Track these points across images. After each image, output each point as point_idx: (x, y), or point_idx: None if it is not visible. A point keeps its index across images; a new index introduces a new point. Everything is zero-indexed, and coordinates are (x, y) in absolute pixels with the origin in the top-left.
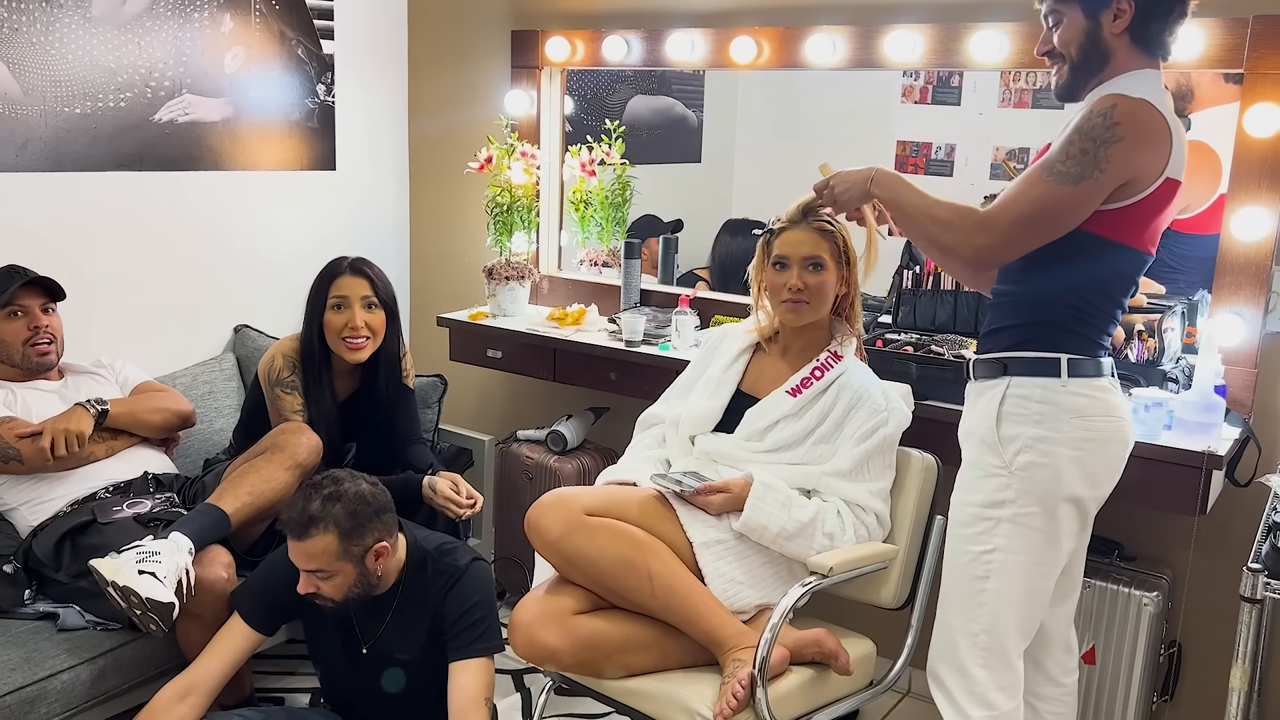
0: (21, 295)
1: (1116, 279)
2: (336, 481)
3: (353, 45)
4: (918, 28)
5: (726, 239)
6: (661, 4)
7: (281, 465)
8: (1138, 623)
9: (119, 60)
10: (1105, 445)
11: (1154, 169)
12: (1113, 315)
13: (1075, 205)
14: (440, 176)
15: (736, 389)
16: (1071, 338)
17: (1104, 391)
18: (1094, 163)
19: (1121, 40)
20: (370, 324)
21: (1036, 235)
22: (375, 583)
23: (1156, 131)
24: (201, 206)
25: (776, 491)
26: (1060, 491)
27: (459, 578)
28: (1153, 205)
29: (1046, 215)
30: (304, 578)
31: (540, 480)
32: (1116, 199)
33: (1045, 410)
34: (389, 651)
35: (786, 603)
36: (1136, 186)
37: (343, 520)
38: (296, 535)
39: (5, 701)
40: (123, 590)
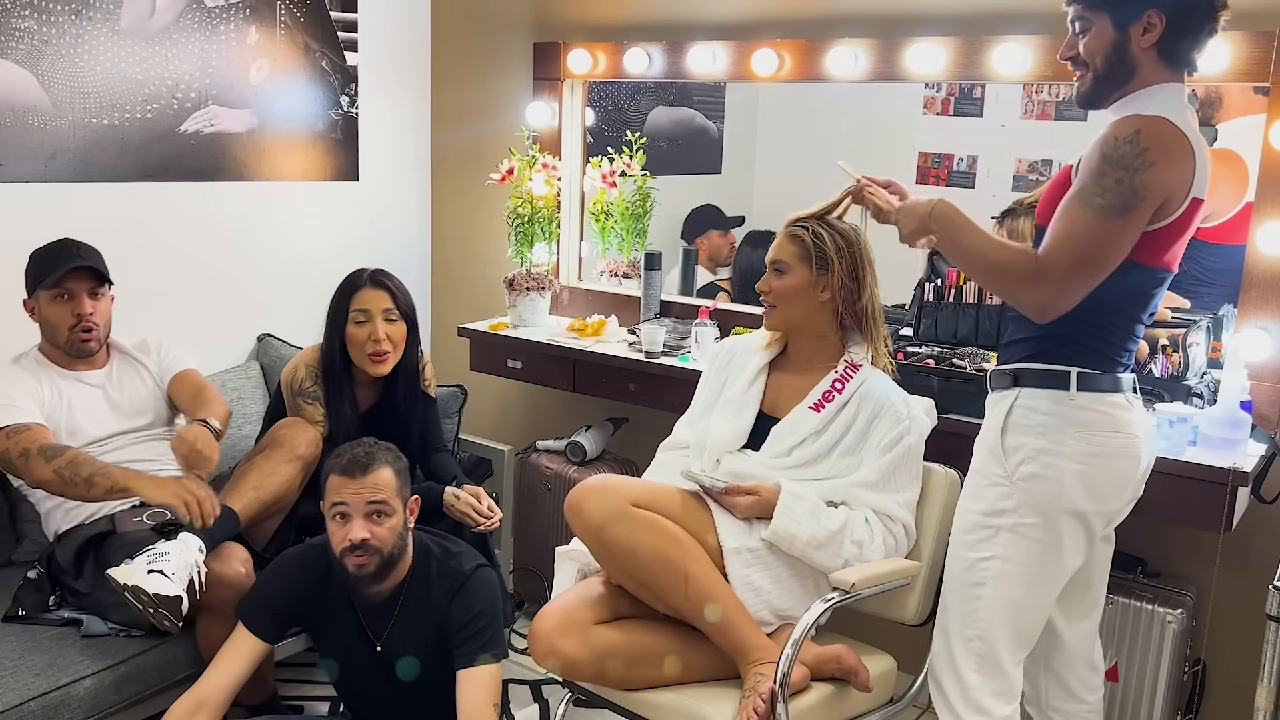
0: (69, 279)
1: (1132, 296)
2: (370, 438)
3: (376, 57)
4: (940, 40)
5: (748, 250)
6: (683, 16)
7: (282, 459)
8: (1161, 640)
9: (146, 72)
10: (1112, 461)
11: (1183, 189)
12: (1130, 331)
13: (1127, 236)
14: (462, 187)
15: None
16: (1082, 351)
17: (1115, 407)
18: (1133, 192)
19: (1149, 54)
20: (392, 336)
21: (1096, 274)
22: (407, 545)
23: (1181, 150)
24: (226, 216)
25: (805, 500)
26: (1062, 504)
27: (464, 583)
28: (1180, 226)
29: (1101, 253)
30: (359, 523)
31: (559, 491)
32: (1149, 223)
33: (1050, 422)
34: (396, 653)
35: (808, 619)
36: (1169, 209)
37: (393, 460)
38: (360, 470)
39: (30, 707)
40: (132, 590)
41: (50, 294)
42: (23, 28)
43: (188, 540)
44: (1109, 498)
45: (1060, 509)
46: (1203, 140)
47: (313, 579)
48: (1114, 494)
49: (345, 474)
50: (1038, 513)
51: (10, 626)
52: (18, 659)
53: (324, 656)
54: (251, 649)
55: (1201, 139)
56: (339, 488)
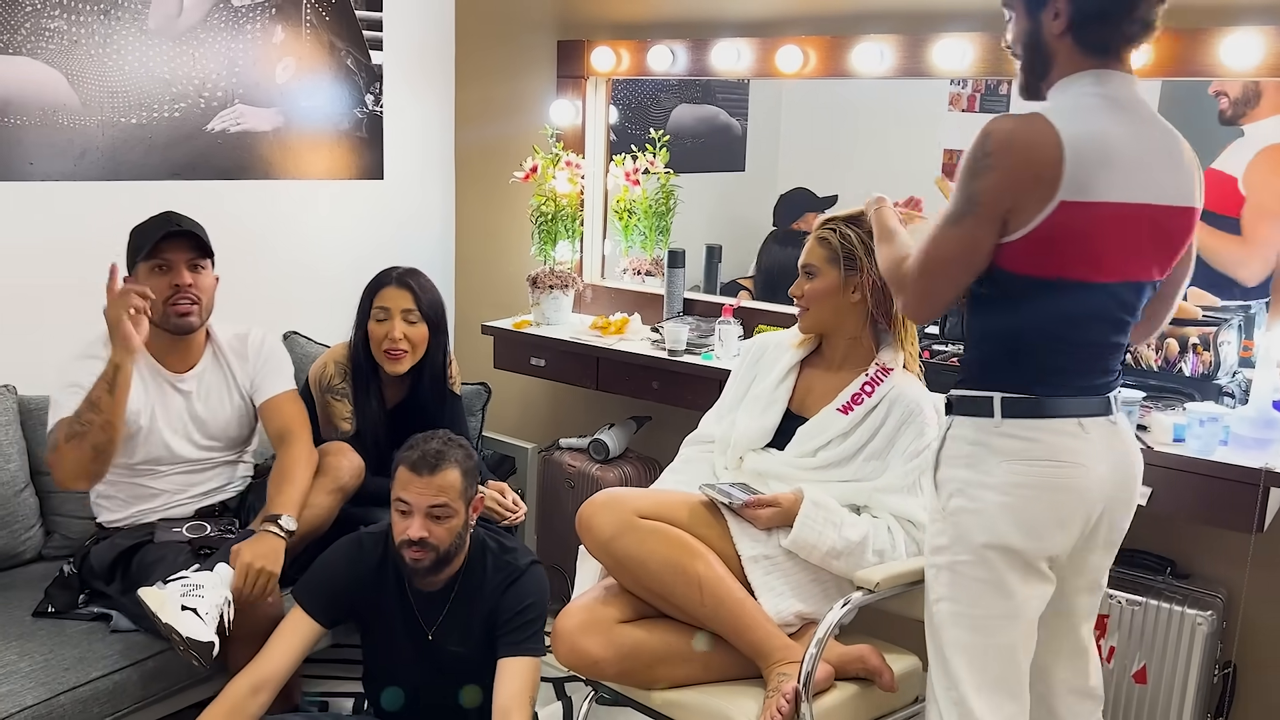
0: (168, 248)
1: (1048, 314)
2: (446, 431)
3: (401, 56)
4: (967, 36)
5: (775, 249)
6: (707, 14)
7: (324, 489)
8: (1191, 642)
9: (174, 71)
10: (1044, 492)
11: (1034, 195)
12: (1064, 351)
13: (963, 245)
14: (486, 185)
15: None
16: (1007, 376)
17: (1050, 433)
18: (968, 200)
19: (1063, 42)
20: (410, 336)
21: (941, 281)
22: (465, 541)
23: (1036, 154)
24: (252, 214)
25: (827, 510)
26: (989, 540)
27: (519, 576)
28: (1057, 232)
29: (940, 260)
30: (419, 521)
31: (582, 488)
32: (1010, 231)
33: (976, 452)
34: (445, 643)
35: (832, 618)
36: (1021, 217)
37: (463, 460)
38: (429, 469)
39: (60, 701)
40: (165, 627)
41: (149, 265)
42: (52, 28)
43: (223, 574)
44: (1045, 534)
45: (988, 545)
46: (1104, 138)
47: (369, 565)
48: (1051, 529)
49: (413, 470)
50: (968, 549)
51: (40, 621)
52: (48, 653)
53: (370, 650)
54: (308, 632)
55: (1102, 136)
56: (405, 483)
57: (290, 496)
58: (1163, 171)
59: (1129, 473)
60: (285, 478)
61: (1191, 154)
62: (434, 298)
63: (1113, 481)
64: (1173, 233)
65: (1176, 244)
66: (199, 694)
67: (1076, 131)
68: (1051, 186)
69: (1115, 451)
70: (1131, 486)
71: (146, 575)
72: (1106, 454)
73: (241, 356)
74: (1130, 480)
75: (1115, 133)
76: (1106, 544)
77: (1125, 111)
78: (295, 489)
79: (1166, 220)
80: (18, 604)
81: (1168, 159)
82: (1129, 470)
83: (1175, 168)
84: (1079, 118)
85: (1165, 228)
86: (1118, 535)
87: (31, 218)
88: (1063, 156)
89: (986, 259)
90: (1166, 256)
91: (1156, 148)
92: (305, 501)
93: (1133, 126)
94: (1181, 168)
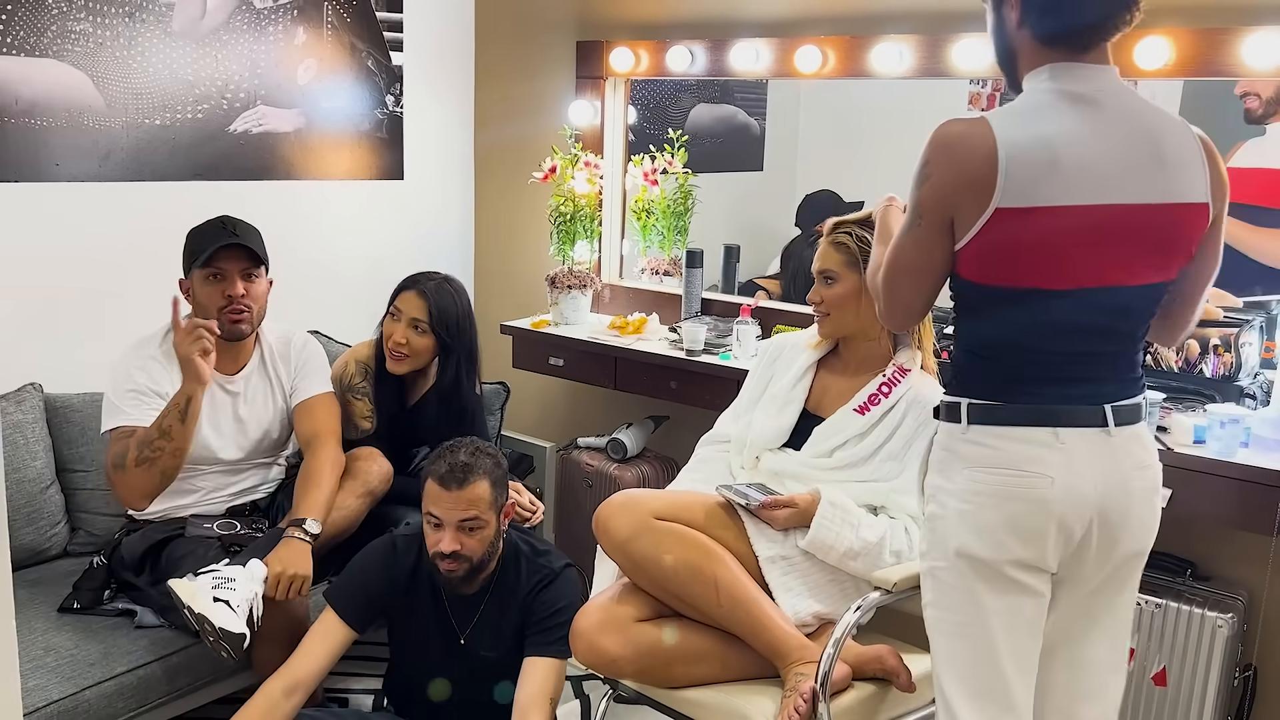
0: (222, 257)
1: (1011, 321)
2: (474, 441)
3: (421, 57)
4: (987, 36)
5: (803, 248)
6: (726, 14)
7: (353, 493)
8: (1211, 645)
9: (197, 73)
10: (1002, 502)
11: (972, 203)
12: (1033, 360)
13: (916, 253)
14: (505, 186)
15: (803, 407)
16: (977, 382)
17: (1015, 441)
18: (914, 207)
19: (1022, 34)
20: (412, 343)
21: (903, 290)
22: (498, 548)
23: (966, 163)
24: (273, 214)
25: (844, 510)
26: (950, 544)
27: (553, 579)
28: (1000, 239)
29: (899, 269)
30: (450, 535)
31: (600, 488)
32: (958, 238)
33: (945, 458)
34: (476, 648)
35: (850, 618)
36: (963, 224)
37: (492, 470)
38: (457, 483)
39: (85, 695)
40: (197, 617)
41: (203, 273)
42: (79, 30)
43: (254, 571)
44: (1007, 544)
45: (953, 550)
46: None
47: (403, 569)
48: (1006, 538)
49: (442, 485)
50: (943, 555)
51: (66, 616)
52: (74, 648)
53: (399, 651)
54: (341, 635)
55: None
56: (435, 498)
57: (316, 500)
58: (1135, 169)
59: (1124, 486)
60: (312, 481)
61: (1193, 147)
62: (452, 316)
63: (1099, 494)
64: (1165, 232)
65: (1173, 243)
66: (223, 689)
67: (1018, 135)
68: (985, 193)
69: (1102, 464)
70: (1125, 501)
71: (176, 568)
72: (1087, 466)
73: (285, 360)
74: (1123, 494)
75: (1068, 132)
76: (1101, 561)
77: (1088, 107)
78: (321, 493)
79: (1149, 219)
80: (44, 599)
81: (1146, 155)
82: (1124, 484)
83: (1156, 163)
84: (1028, 118)
85: (1149, 227)
86: (1119, 556)
87: (57, 218)
88: (996, 162)
89: (945, 266)
90: (1163, 257)
91: (1127, 144)
92: (331, 505)
93: (1095, 124)
94: (1167, 163)
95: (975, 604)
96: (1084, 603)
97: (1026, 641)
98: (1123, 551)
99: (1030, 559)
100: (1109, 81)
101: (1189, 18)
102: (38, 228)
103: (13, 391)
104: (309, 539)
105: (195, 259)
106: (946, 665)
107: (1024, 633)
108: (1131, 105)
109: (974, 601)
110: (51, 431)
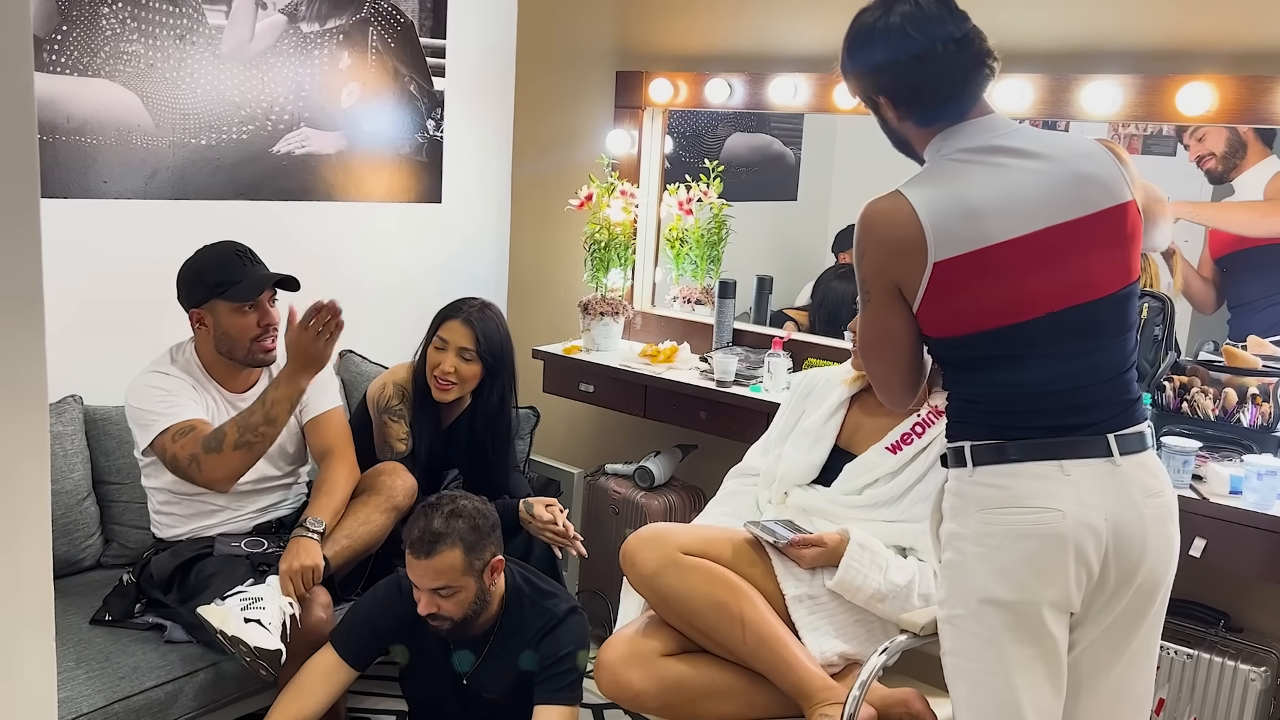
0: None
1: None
2: (453, 499)
3: (463, 83)
4: (1028, 78)
5: (836, 283)
6: (765, 48)
7: (378, 508)
8: (1244, 698)
9: (243, 95)
10: (1018, 541)
11: (910, 266)
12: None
13: (878, 328)
14: (541, 211)
15: (834, 443)
16: (974, 424)
17: (1018, 478)
18: (860, 285)
19: (906, 125)
20: (461, 371)
21: (880, 365)
22: (489, 600)
23: (894, 229)
24: (314, 234)
25: (873, 553)
26: (972, 591)
27: (557, 625)
28: (947, 291)
29: (870, 348)
30: (426, 598)
31: (626, 515)
32: (911, 302)
33: (957, 504)
34: (478, 689)
35: (876, 661)
36: (910, 288)
37: (466, 534)
38: (424, 553)
39: (114, 709)
40: (231, 639)
41: (234, 305)
42: (130, 51)
43: (276, 585)
44: (1030, 584)
45: (975, 597)
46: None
47: (408, 609)
48: (1029, 578)
49: (413, 553)
50: (962, 603)
51: (97, 629)
52: (104, 661)
53: (408, 683)
54: (341, 676)
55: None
56: (409, 563)
57: (325, 505)
58: (1055, 191)
59: (1136, 515)
60: (323, 490)
61: (1104, 155)
62: (497, 341)
63: (1111, 524)
64: (1108, 236)
65: (1120, 244)
66: (251, 705)
67: (931, 196)
68: (919, 254)
69: (1111, 494)
70: (1139, 530)
71: (204, 586)
72: (1095, 496)
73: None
74: (1136, 523)
75: (977, 180)
76: (1120, 593)
77: (988, 155)
78: (331, 499)
79: (1084, 231)
80: (76, 611)
81: (1061, 176)
82: (1136, 512)
83: (1075, 181)
84: (934, 180)
85: (1090, 238)
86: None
87: (103, 234)
88: (920, 224)
89: (908, 334)
90: (1117, 260)
91: (1038, 173)
92: (340, 512)
93: (999, 167)
94: (1087, 177)
95: (998, 652)
96: (1105, 637)
97: (1048, 692)
98: (1141, 582)
99: (1056, 599)
100: (999, 126)
101: (1231, 65)
102: (84, 243)
103: (54, 403)
104: (313, 535)
105: (223, 290)
106: (967, 713)
107: (1044, 684)
108: (1030, 136)
109: (997, 650)
110: (89, 444)
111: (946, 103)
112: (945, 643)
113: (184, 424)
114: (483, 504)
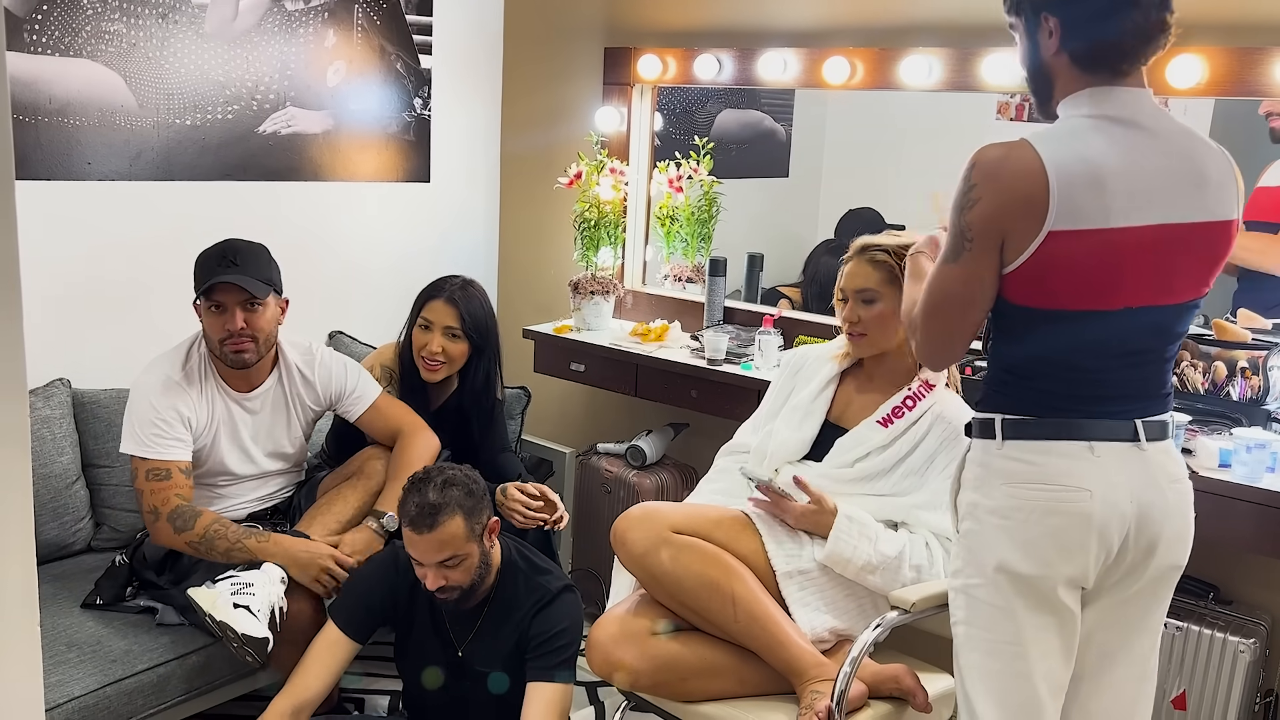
0: (221, 290)
1: (1054, 342)
2: (441, 470)
3: (450, 61)
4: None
5: (827, 259)
6: (754, 23)
7: (368, 491)
8: (1233, 670)
9: (228, 74)
10: (1043, 517)
11: (1026, 226)
12: (1069, 378)
13: (965, 282)
14: (530, 190)
15: (824, 418)
16: (1012, 399)
17: (1050, 455)
18: (960, 235)
19: (1060, 60)
20: (448, 351)
21: (949, 322)
22: (491, 564)
23: (1021, 182)
24: (300, 215)
25: (861, 524)
26: (989, 560)
27: (550, 601)
28: (1052, 263)
29: (945, 300)
30: (433, 574)
31: (619, 494)
32: (1007, 262)
33: (981, 474)
34: (473, 661)
35: (867, 637)
36: (1015, 247)
37: (463, 500)
38: (427, 526)
39: (106, 692)
40: (219, 624)
41: (205, 304)
42: (112, 31)
43: (270, 572)
44: (1052, 559)
45: (991, 566)
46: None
47: (404, 582)
48: (1052, 555)
49: (414, 529)
50: (979, 572)
51: (89, 612)
52: (95, 645)
53: (403, 660)
54: (344, 650)
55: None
56: (410, 541)
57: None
58: (1179, 189)
59: (1160, 498)
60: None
61: (1226, 166)
62: (481, 319)
63: (1136, 505)
64: (1208, 249)
65: (1214, 260)
66: (242, 688)
67: (1064, 157)
68: (1039, 216)
69: (1137, 477)
70: (1161, 513)
71: (196, 568)
72: (1122, 478)
73: (308, 384)
74: (1160, 506)
75: (1112, 155)
76: (1136, 572)
77: (1129, 130)
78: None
79: (1190, 238)
80: (67, 595)
81: (1187, 174)
82: (1160, 496)
83: (1198, 183)
84: (1070, 142)
85: (1191, 245)
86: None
87: (88, 216)
88: (1048, 184)
89: (992, 292)
90: (1203, 274)
91: (1169, 165)
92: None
93: (1136, 146)
94: (1209, 182)
95: (1012, 621)
96: (1117, 614)
97: (1059, 664)
98: (1158, 563)
99: (1074, 575)
100: (1147, 104)
101: (1222, 36)
102: (69, 225)
103: (41, 387)
104: (383, 533)
105: (199, 288)
106: (978, 683)
107: (1057, 655)
108: (1169, 127)
109: (1011, 619)
110: (78, 427)
111: (1122, 56)
112: (958, 612)
113: (162, 466)
114: (470, 469)
